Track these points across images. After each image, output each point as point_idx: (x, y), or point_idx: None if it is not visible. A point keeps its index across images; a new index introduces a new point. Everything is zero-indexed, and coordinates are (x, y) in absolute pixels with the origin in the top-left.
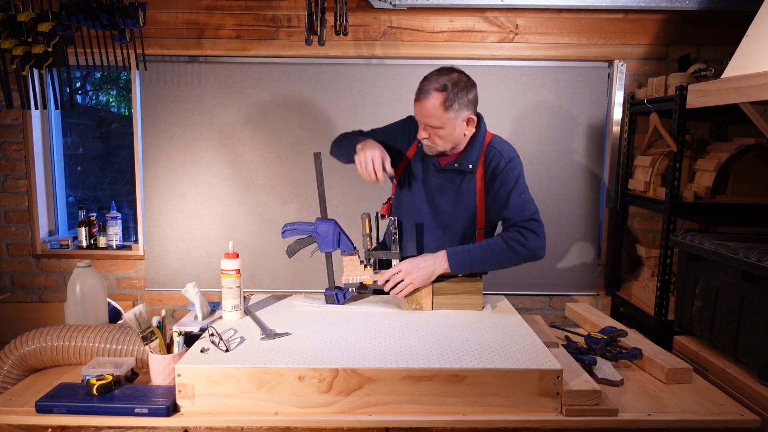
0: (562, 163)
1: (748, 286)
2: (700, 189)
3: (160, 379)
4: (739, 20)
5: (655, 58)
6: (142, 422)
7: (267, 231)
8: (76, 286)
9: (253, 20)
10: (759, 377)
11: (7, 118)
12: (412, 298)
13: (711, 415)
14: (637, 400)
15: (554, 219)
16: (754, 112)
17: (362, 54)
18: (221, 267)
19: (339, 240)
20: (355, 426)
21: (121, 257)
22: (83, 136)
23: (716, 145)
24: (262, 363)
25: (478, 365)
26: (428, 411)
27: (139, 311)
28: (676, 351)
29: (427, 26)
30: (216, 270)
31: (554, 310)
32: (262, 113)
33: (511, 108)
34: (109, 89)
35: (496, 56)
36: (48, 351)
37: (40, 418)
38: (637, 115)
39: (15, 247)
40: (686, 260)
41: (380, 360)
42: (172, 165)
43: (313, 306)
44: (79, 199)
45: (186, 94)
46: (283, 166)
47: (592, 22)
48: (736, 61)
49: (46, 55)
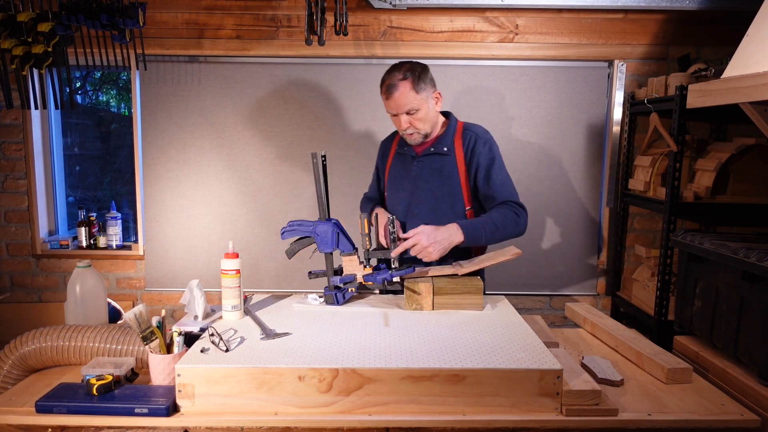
0: (562, 163)
1: (748, 286)
2: (700, 189)
3: (160, 379)
4: (739, 20)
5: (655, 58)
6: (142, 422)
7: (267, 231)
8: (76, 286)
9: (253, 20)
10: (759, 377)
11: (7, 118)
12: (413, 298)
13: (711, 415)
14: (637, 400)
15: (554, 219)
16: (754, 112)
17: (362, 54)
18: (221, 267)
19: (338, 240)
20: (355, 426)
21: (121, 257)
22: (83, 136)
23: (716, 145)
24: (262, 363)
25: (478, 365)
26: (428, 411)
27: (139, 311)
28: (676, 351)
29: (427, 26)
30: (216, 270)
31: (554, 310)
32: (262, 113)
33: (511, 108)
34: (109, 89)
35: (496, 56)
36: (48, 351)
37: (40, 418)
38: (637, 115)
39: (15, 247)
40: (686, 260)
41: (380, 360)
42: (172, 165)
43: (313, 306)
44: (79, 199)
45: (186, 94)
46: (283, 166)
47: (592, 22)
48: (736, 61)
49: (46, 55)
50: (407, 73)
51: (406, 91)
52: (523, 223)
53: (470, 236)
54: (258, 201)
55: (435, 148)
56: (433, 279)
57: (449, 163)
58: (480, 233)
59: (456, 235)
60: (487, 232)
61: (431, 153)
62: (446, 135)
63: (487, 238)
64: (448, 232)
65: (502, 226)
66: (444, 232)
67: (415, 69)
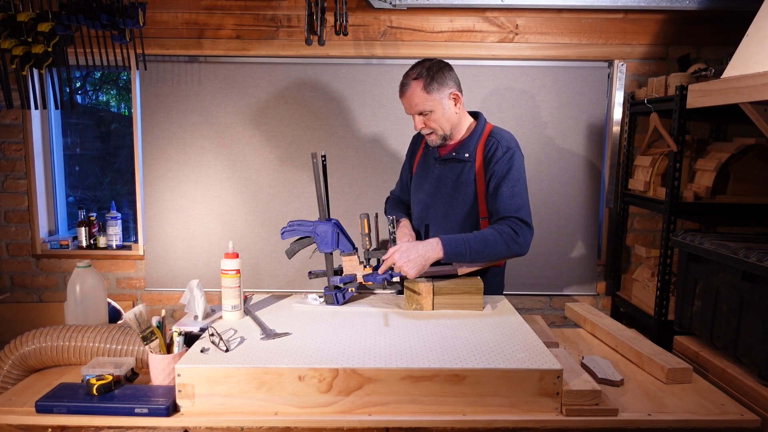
0: (562, 163)
1: (748, 286)
2: (700, 189)
3: (160, 379)
4: (739, 20)
5: (655, 58)
6: (142, 422)
7: (267, 231)
8: (76, 286)
9: (253, 20)
10: (759, 377)
11: (7, 118)
12: (413, 298)
13: (711, 415)
14: (637, 400)
15: (554, 219)
16: (754, 112)
17: (362, 54)
18: (221, 267)
19: (338, 240)
20: (355, 426)
21: (121, 257)
22: (83, 136)
23: (716, 145)
24: (262, 363)
25: (478, 365)
26: (428, 411)
27: (139, 311)
28: (676, 351)
29: (427, 26)
30: (216, 270)
31: (554, 310)
32: (262, 113)
33: (511, 108)
34: (109, 89)
35: (496, 56)
36: (48, 351)
37: (40, 418)
38: (637, 115)
39: (15, 247)
40: (686, 260)
41: (380, 360)
42: (172, 165)
43: (313, 306)
44: (79, 199)
45: (186, 94)
46: (283, 166)
47: (592, 22)
48: (736, 61)
49: (46, 55)
50: (422, 72)
51: (417, 91)
52: (524, 242)
53: (450, 252)
54: (258, 201)
55: (456, 153)
56: (433, 279)
57: (468, 170)
58: (462, 249)
59: (434, 251)
60: (472, 250)
61: (452, 158)
62: (470, 140)
63: (472, 255)
64: (425, 248)
65: (493, 244)
66: (420, 249)
67: (432, 68)
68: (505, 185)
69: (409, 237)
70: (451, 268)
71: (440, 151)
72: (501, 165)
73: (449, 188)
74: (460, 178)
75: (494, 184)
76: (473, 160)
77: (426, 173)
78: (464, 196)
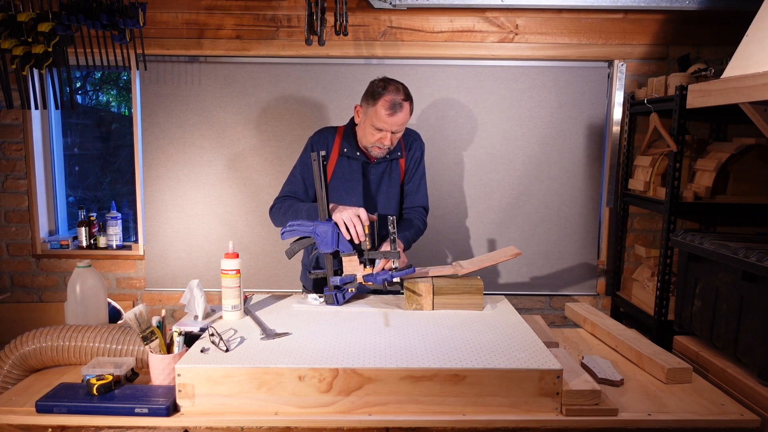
0: (562, 163)
1: (748, 286)
2: (700, 189)
3: (160, 379)
4: (739, 20)
5: (655, 58)
6: (142, 422)
7: (267, 231)
8: (76, 286)
9: (253, 20)
10: (759, 377)
11: (7, 118)
12: (412, 298)
13: (711, 415)
14: (637, 400)
15: (554, 219)
16: (754, 112)
17: (362, 54)
18: (221, 267)
19: (338, 240)
20: (355, 426)
21: (121, 257)
22: (83, 136)
23: (716, 145)
24: (262, 363)
25: (478, 365)
26: (428, 411)
27: (139, 311)
28: (676, 351)
29: (427, 26)
30: (216, 270)
31: (554, 310)
32: (262, 113)
33: (511, 108)
34: (109, 89)
35: (496, 56)
36: (48, 351)
37: (40, 418)
38: (637, 115)
39: (15, 247)
40: (686, 260)
41: (380, 360)
42: (172, 165)
43: (313, 306)
44: (79, 199)
45: (186, 94)
46: (283, 166)
47: (592, 22)
48: (736, 61)
49: (46, 55)
50: (408, 94)
51: (406, 113)
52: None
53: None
54: (258, 201)
55: (391, 155)
56: (433, 279)
57: (396, 166)
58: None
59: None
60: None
61: (386, 159)
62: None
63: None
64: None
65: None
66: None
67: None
68: (423, 180)
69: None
70: (452, 269)
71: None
72: (421, 163)
73: (385, 186)
74: (392, 174)
75: (418, 179)
76: (401, 156)
77: (356, 176)
78: (395, 189)
